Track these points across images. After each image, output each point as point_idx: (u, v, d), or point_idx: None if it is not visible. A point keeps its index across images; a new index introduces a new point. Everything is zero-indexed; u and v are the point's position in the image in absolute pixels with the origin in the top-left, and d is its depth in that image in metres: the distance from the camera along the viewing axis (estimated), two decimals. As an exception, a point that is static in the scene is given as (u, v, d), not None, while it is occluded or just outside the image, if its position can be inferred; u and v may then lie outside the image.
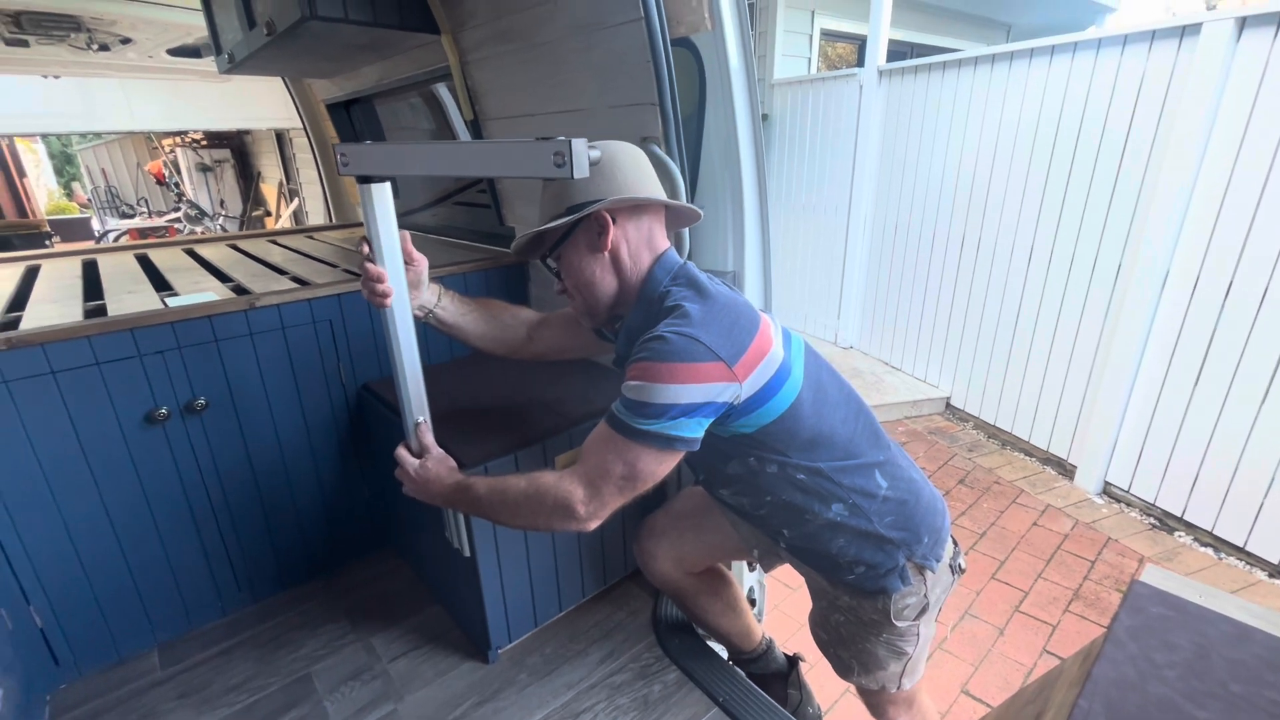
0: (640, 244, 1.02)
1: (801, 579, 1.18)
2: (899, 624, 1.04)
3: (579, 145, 0.81)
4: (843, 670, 1.17)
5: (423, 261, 1.17)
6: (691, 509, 1.32)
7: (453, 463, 1.15)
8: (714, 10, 1.20)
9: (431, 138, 2.48)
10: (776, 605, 2.30)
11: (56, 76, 3.95)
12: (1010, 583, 2.42)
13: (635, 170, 1.00)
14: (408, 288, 1.12)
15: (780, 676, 1.45)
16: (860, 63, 4.92)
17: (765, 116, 4.79)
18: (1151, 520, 2.78)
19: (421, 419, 1.17)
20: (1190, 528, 2.68)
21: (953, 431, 3.65)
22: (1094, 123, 2.84)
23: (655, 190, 1.02)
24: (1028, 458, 3.35)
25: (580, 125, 1.46)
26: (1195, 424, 2.60)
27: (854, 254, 4.35)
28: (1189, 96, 2.44)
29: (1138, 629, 0.72)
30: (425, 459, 1.14)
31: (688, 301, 0.92)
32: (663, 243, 1.04)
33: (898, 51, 5.46)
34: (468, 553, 1.30)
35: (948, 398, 3.86)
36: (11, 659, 1.23)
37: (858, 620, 1.08)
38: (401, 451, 1.15)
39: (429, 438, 1.16)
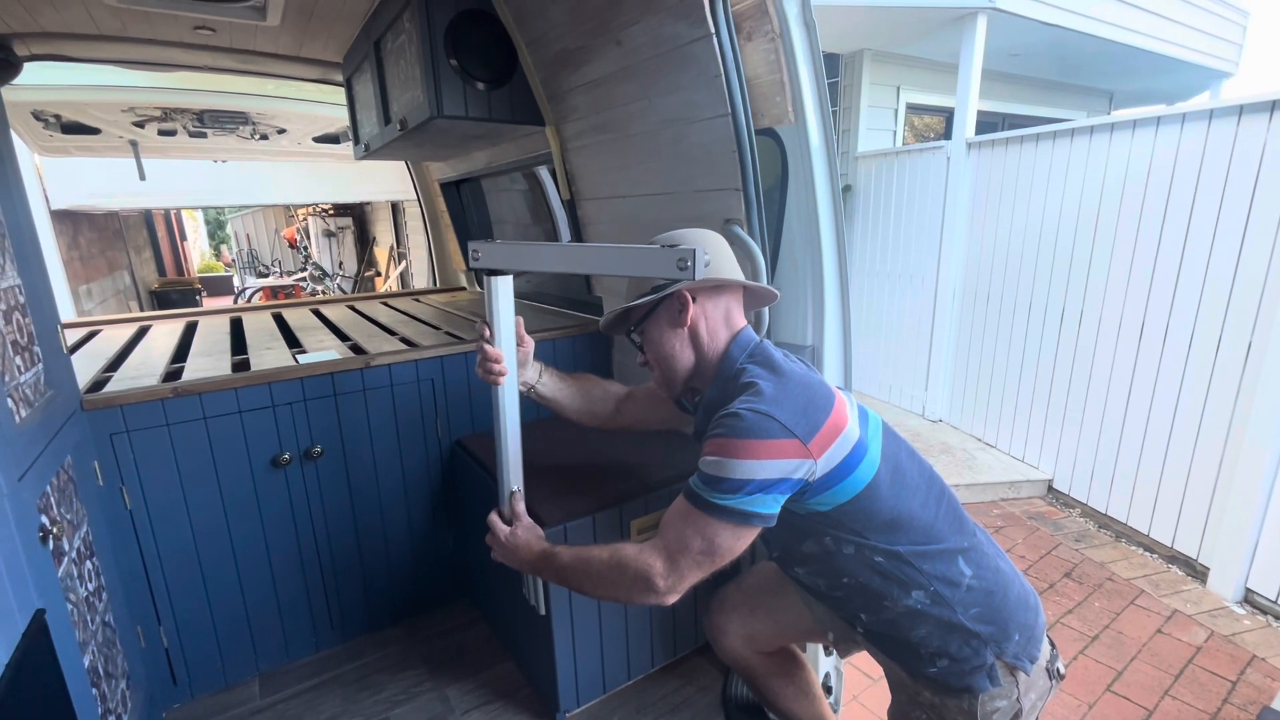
0: (718, 322, 1.08)
1: (881, 669, 1.12)
2: None
3: (700, 253, 0.91)
4: None
5: (530, 343, 1.28)
6: (764, 585, 1.30)
7: (540, 532, 1.20)
8: (797, 104, 1.28)
9: (527, 206, 2.70)
10: (854, 696, 2.15)
11: (224, 160, 4.63)
12: (1130, 697, 2.14)
13: (716, 254, 1.06)
14: (516, 366, 1.23)
15: None
16: (948, 134, 4.90)
17: (848, 188, 4.83)
18: (1308, 638, 2.40)
19: (516, 488, 1.25)
20: (1360, 652, 2.28)
21: (1056, 518, 3.35)
22: (1210, 194, 2.68)
23: (734, 272, 1.09)
24: (1148, 553, 3.00)
25: (667, 207, 1.57)
26: (1357, 528, 2.26)
27: (942, 323, 4.21)
28: (1321, 167, 2.27)
29: (1269, 764, 0.64)
30: (516, 527, 1.19)
31: (762, 379, 0.95)
32: (740, 321, 1.10)
33: (989, 123, 5.40)
34: (543, 611, 1.34)
35: (1049, 480, 3.56)
36: (141, 675, 1.37)
37: (942, 719, 1.02)
38: (494, 518, 1.22)
39: (521, 506, 1.23)
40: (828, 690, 1.48)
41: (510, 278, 1.17)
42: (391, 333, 2.04)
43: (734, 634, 1.30)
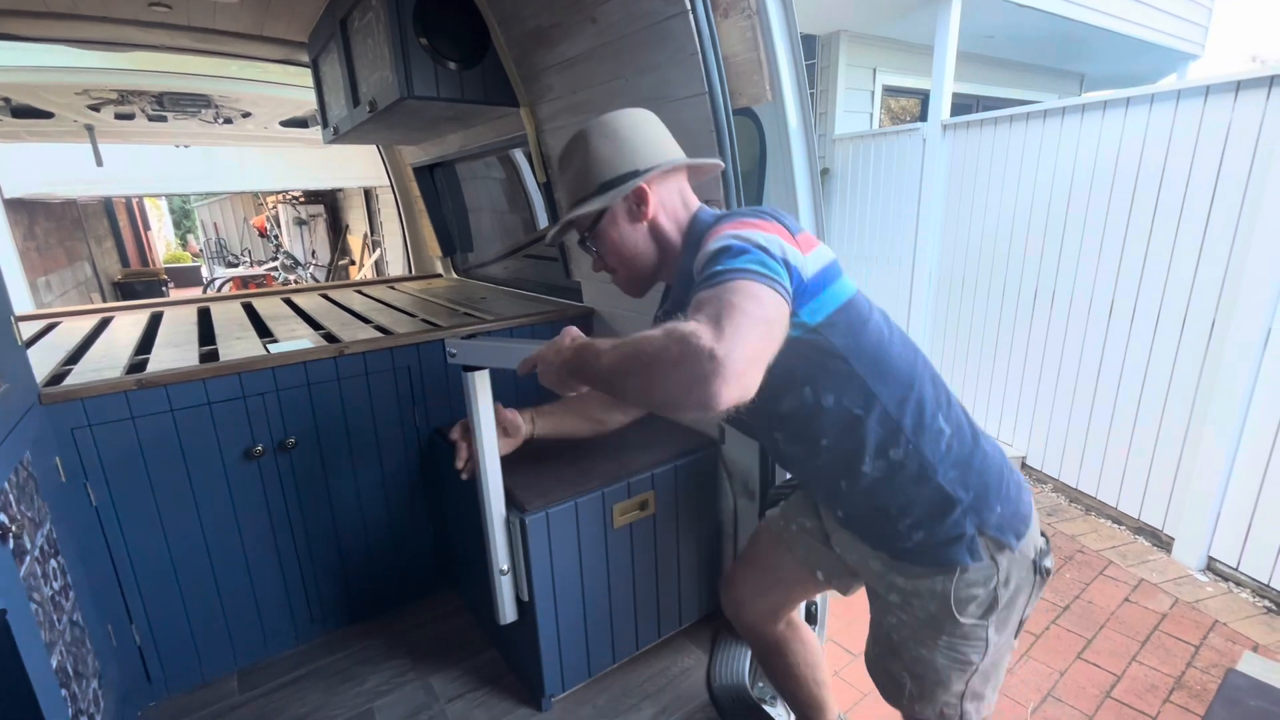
0: (677, 206, 1.04)
1: (861, 649, 1.13)
2: (962, 619, 0.93)
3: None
4: (893, 691, 1.04)
5: (519, 428, 1.35)
6: (764, 546, 1.28)
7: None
8: (774, 83, 1.27)
9: (503, 192, 2.65)
10: (836, 671, 2.19)
11: (186, 145, 4.48)
12: (1100, 664, 2.21)
13: (657, 134, 1.03)
14: (509, 445, 1.32)
15: None
16: (924, 117, 4.93)
17: (825, 171, 4.84)
18: (1267, 603, 2.50)
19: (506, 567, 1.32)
20: (1314, 614, 2.39)
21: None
22: (1177, 174, 2.73)
23: (677, 151, 1.05)
24: (1116, 526, 3.10)
25: (645, 188, 1.55)
26: (1312, 497, 2.36)
27: (918, 305, 4.26)
28: (1283, 147, 2.32)
29: (1234, 724, 0.66)
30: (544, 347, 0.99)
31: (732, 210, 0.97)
32: (695, 199, 1.06)
33: (964, 104, 5.44)
34: (525, 597, 1.33)
35: (1023, 457, 3.64)
36: (114, 673, 1.33)
37: (914, 617, 0.98)
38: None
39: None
40: (811, 617, 1.51)
41: (487, 373, 1.18)
42: (366, 321, 1.99)
43: (748, 603, 1.28)
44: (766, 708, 1.43)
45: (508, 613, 1.35)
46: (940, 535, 0.92)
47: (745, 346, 0.69)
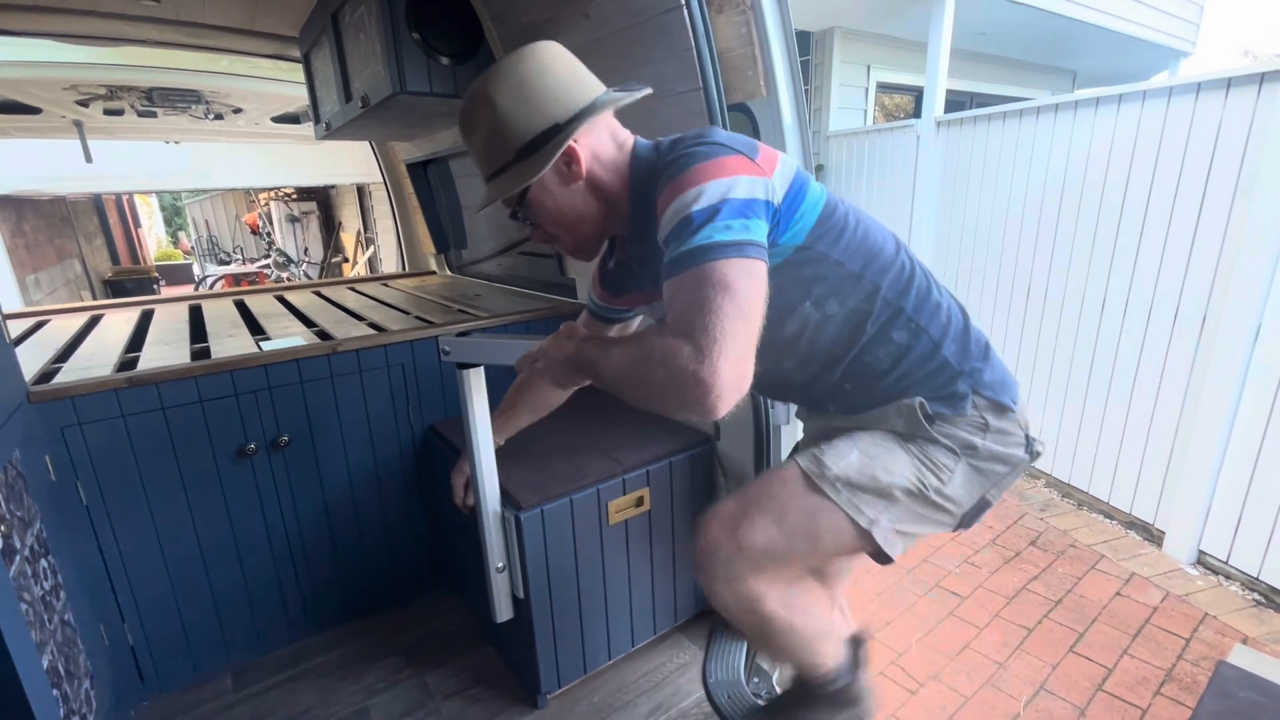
0: (610, 150, 0.91)
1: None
2: (933, 433, 0.90)
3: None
4: (809, 462, 0.92)
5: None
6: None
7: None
8: (769, 78, 1.27)
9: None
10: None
11: (177, 142, 4.44)
12: (1091, 657, 2.23)
13: (569, 72, 0.88)
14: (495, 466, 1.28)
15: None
16: (917, 114, 4.94)
17: (820, 167, 4.85)
18: (1256, 596, 2.53)
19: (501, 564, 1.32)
20: (1302, 607, 2.41)
21: (1023, 489, 3.45)
22: (1168, 170, 2.75)
23: (596, 85, 0.90)
24: (1108, 520, 3.12)
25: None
26: (1301, 490, 2.38)
27: (913, 302, 4.27)
28: (1272, 143, 2.34)
29: (1223, 715, 0.67)
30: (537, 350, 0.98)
31: (674, 137, 0.87)
32: (626, 134, 0.94)
33: (957, 101, 5.45)
34: (520, 594, 1.33)
35: (1017, 453, 3.66)
36: (106, 674, 1.33)
37: (890, 427, 0.93)
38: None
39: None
40: None
41: (482, 370, 1.17)
42: (359, 318, 1.98)
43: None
44: (762, 704, 1.43)
45: (503, 610, 1.34)
46: (932, 395, 0.91)
47: (730, 355, 0.69)
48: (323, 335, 1.76)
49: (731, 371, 0.69)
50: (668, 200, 0.78)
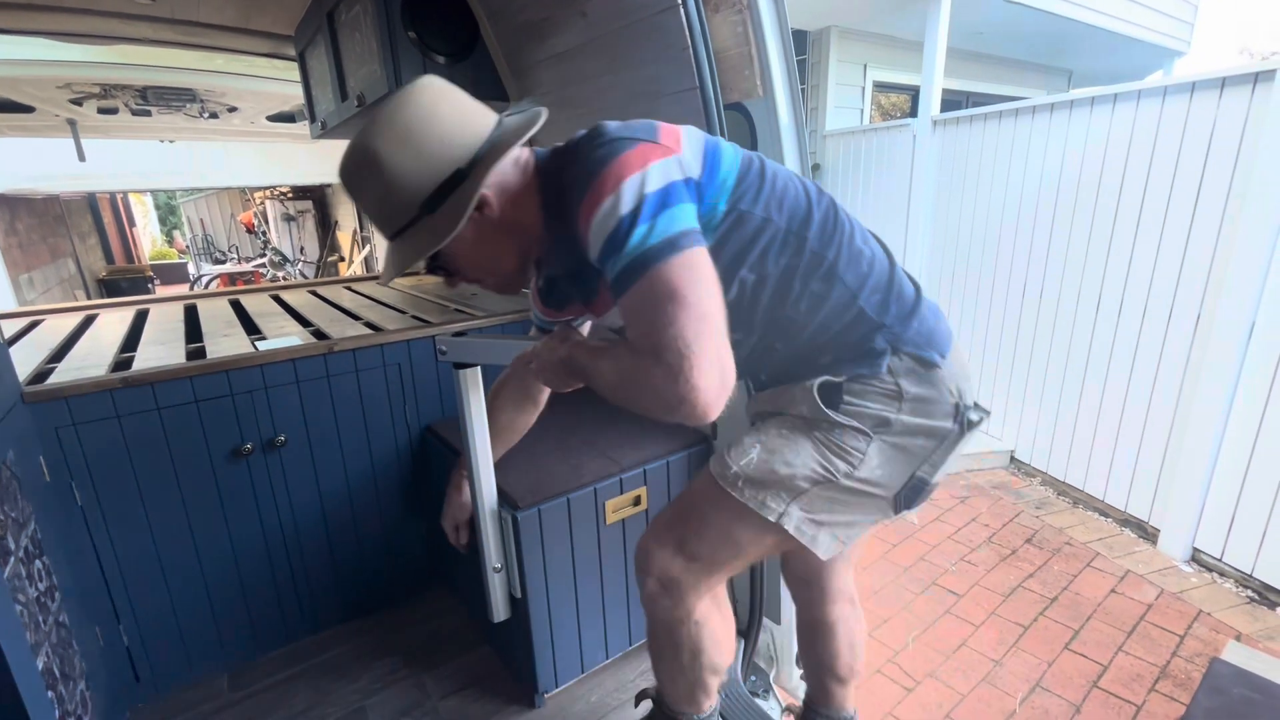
0: (515, 177, 0.85)
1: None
2: (836, 417, 0.86)
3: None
4: (716, 463, 0.92)
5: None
6: None
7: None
8: (765, 78, 1.27)
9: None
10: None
11: (172, 141, 4.42)
12: (1087, 654, 2.24)
13: (457, 110, 0.81)
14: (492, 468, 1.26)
15: None
16: (914, 113, 4.95)
17: (816, 166, 4.85)
18: (1249, 593, 2.54)
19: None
20: (1295, 603, 2.43)
21: (1018, 487, 3.46)
22: (1163, 170, 2.76)
23: (487, 117, 0.84)
24: (1103, 518, 3.13)
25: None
26: (1294, 488, 2.39)
27: (909, 301, 4.28)
28: (1266, 142, 2.35)
29: (1217, 711, 0.67)
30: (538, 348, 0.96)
31: (571, 143, 0.84)
32: (524, 152, 0.88)
33: (953, 100, 5.46)
34: (518, 593, 1.33)
35: (1011, 451, 3.68)
36: (101, 675, 1.32)
37: (795, 413, 0.90)
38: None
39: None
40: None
41: (479, 370, 1.16)
42: (356, 317, 1.98)
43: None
44: (759, 701, 1.44)
45: (500, 609, 1.34)
46: (849, 354, 0.87)
47: (701, 364, 0.68)
48: (319, 335, 1.75)
49: (708, 380, 0.69)
50: (587, 217, 0.75)
